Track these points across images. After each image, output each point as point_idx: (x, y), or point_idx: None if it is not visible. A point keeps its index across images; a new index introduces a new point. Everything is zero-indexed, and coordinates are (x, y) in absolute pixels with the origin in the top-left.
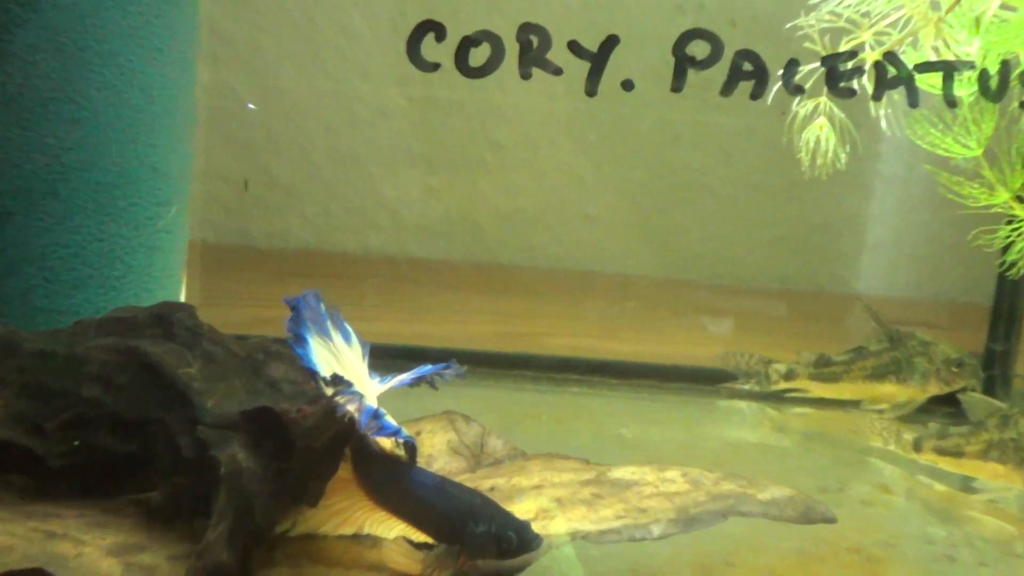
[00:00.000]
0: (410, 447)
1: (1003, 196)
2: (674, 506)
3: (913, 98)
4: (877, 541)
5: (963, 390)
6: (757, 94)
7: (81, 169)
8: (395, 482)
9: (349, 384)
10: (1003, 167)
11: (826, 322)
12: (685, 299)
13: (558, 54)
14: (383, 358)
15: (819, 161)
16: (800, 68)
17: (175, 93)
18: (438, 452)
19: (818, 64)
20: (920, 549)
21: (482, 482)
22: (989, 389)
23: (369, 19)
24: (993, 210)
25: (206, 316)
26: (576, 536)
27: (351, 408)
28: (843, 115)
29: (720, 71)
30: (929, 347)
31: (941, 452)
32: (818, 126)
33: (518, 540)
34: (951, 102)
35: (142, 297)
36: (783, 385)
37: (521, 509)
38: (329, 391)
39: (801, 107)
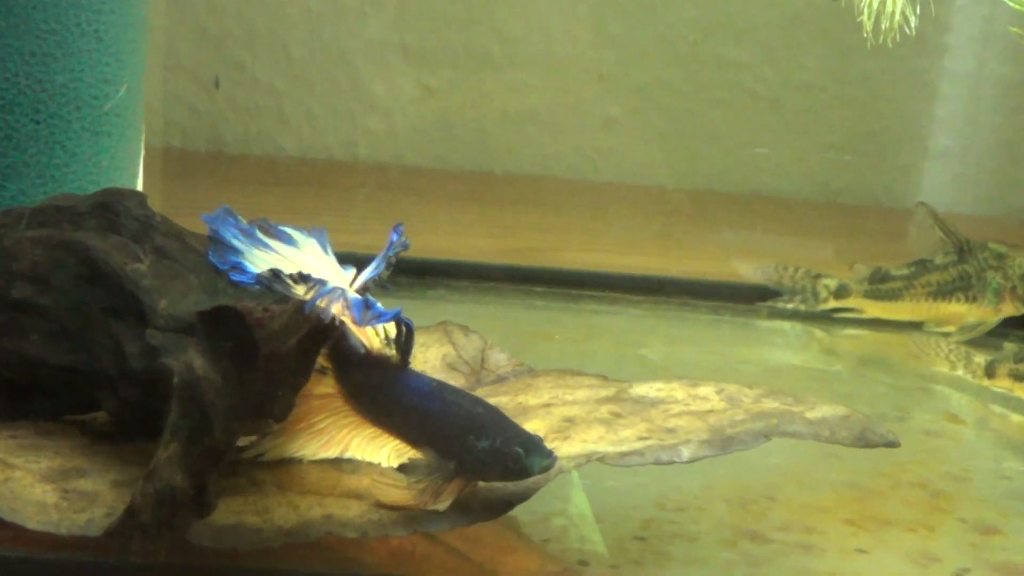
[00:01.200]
0: (409, 334)
1: None
2: (707, 425)
3: None
4: (944, 474)
5: None
6: None
7: (9, 35)
8: (384, 389)
9: (323, 281)
10: None
11: (884, 238)
12: (719, 213)
13: None
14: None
15: (884, 25)
16: None
17: None
18: (431, 368)
19: None
20: (994, 485)
21: None
22: None
23: None
24: None
25: None
26: (591, 458)
27: (336, 308)
28: None
29: None
30: (1004, 260)
31: (1018, 378)
32: None
33: (528, 459)
34: None
35: (88, 191)
36: (833, 303)
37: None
38: (302, 291)
39: None
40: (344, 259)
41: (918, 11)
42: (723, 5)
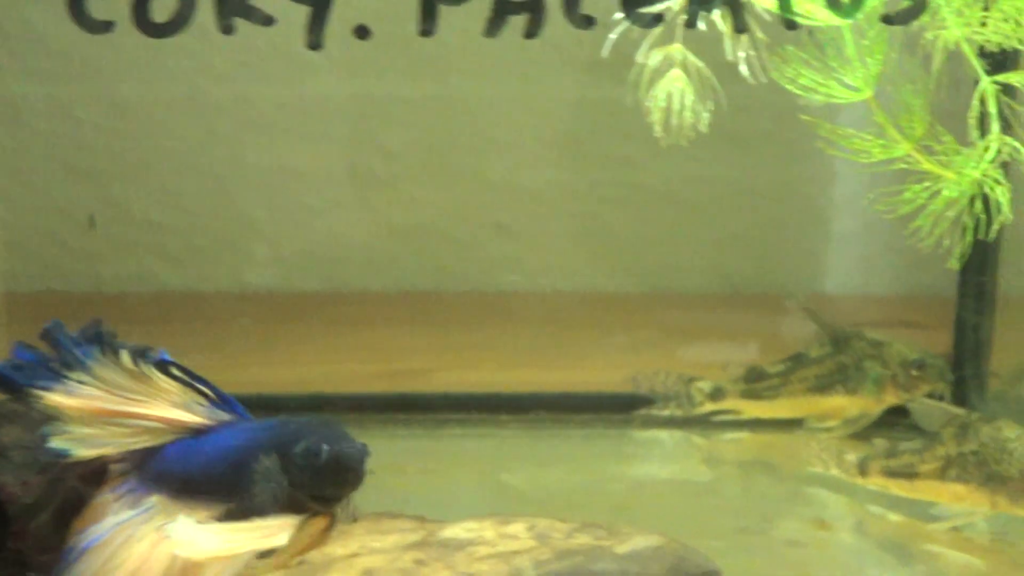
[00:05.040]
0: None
1: (904, 147)
2: (509, 569)
3: (739, 22)
4: None
5: (931, 396)
6: (532, 32)
7: None
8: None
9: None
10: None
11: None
12: (616, 315)
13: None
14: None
15: (675, 122)
16: None
17: None
18: None
19: None
20: None
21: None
22: (960, 393)
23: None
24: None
25: None
26: None
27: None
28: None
29: None
30: (882, 348)
31: (891, 474)
32: (672, 79)
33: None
34: (790, 24)
35: None
36: (710, 406)
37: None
38: None
39: (648, 56)
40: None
41: (710, 106)
42: (606, 102)
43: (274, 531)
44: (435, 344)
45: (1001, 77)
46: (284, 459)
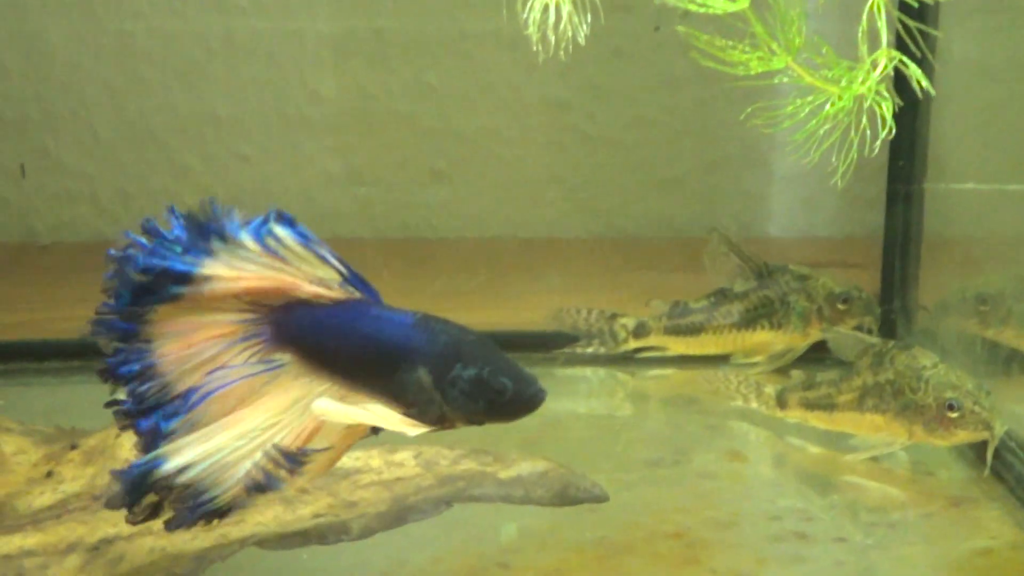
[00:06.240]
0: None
1: (782, 59)
2: (391, 495)
3: None
4: (707, 521)
5: (860, 331)
6: None
7: None
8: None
9: None
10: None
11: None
12: (554, 260)
13: None
14: None
15: (552, 37)
16: None
17: None
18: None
19: None
20: (761, 528)
21: None
22: (887, 326)
23: None
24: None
25: None
26: (245, 544)
27: None
28: None
29: None
30: (807, 282)
31: (808, 406)
32: None
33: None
34: None
35: None
36: (634, 343)
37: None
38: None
39: None
40: None
41: (589, 19)
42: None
43: (411, 426)
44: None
45: None
46: (442, 375)
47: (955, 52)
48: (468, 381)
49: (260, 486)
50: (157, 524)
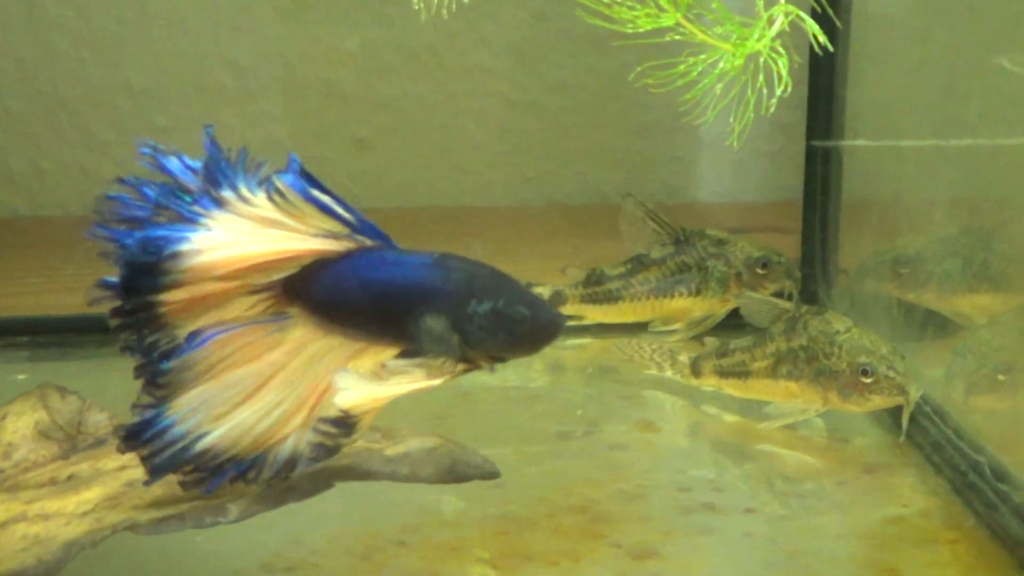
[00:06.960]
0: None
1: (672, 17)
2: None
3: None
4: (614, 493)
5: (780, 296)
6: None
7: None
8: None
9: None
10: None
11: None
12: (481, 229)
13: None
14: None
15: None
16: None
17: None
18: (21, 439)
19: None
20: (668, 499)
21: (63, 471)
22: (808, 291)
23: None
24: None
25: None
26: (117, 529)
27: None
28: None
29: None
30: (725, 247)
31: (723, 374)
32: None
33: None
34: None
35: None
36: None
37: (77, 500)
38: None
39: None
40: None
41: None
42: (462, 10)
43: (431, 376)
44: None
45: None
46: (458, 314)
47: (872, 9)
48: (485, 316)
49: (328, 450)
50: (32, 510)
